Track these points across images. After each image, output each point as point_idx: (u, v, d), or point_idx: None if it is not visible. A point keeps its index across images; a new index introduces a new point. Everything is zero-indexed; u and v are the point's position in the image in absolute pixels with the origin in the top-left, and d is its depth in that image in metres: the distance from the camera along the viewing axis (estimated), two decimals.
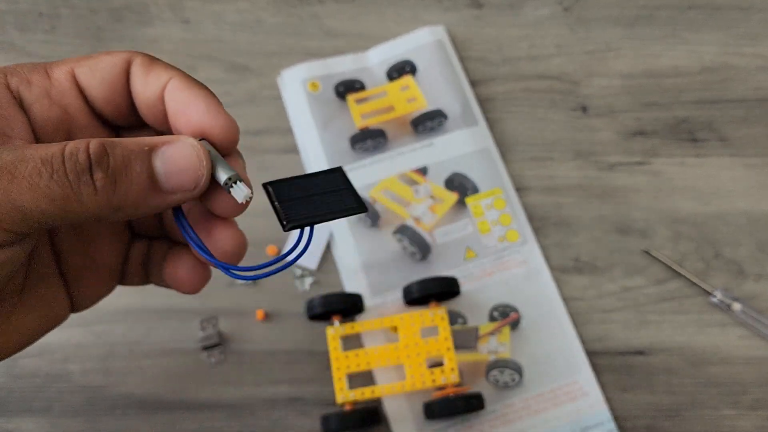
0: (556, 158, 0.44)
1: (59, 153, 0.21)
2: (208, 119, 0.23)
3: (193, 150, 0.22)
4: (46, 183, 0.20)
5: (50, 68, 0.24)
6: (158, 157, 0.22)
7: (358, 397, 0.37)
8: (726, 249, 0.42)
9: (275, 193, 0.24)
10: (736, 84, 0.46)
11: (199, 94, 0.24)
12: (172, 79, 0.24)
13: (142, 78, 0.24)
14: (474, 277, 0.41)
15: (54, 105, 0.24)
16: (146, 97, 0.24)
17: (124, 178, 0.21)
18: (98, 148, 0.21)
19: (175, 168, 0.22)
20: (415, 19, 0.48)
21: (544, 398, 0.39)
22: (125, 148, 0.22)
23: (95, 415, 0.39)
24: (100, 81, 0.24)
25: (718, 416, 0.39)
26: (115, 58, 0.24)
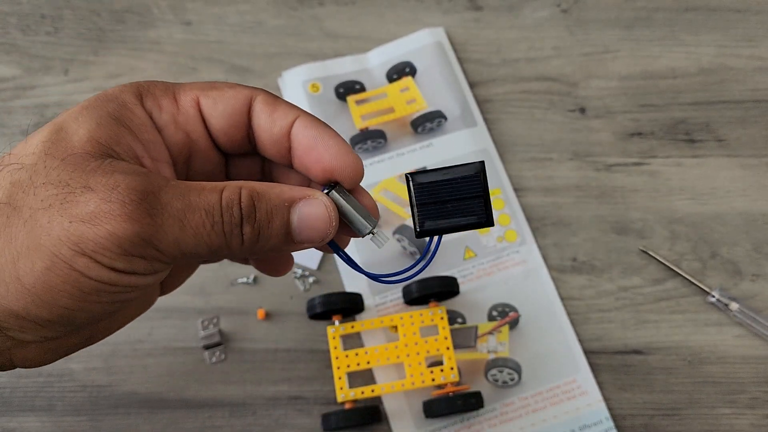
0: (554, 159, 0.45)
1: (218, 204, 0.23)
2: (338, 160, 0.25)
3: (326, 210, 0.25)
4: (208, 233, 0.23)
5: (178, 93, 0.26)
6: (295, 213, 0.24)
7: (358, 395, 0.37)
8: (723, 249, 0.43)
9: (415, 193, 0.25)
10: (733, 85, 0.46)
11: (328, 133, 0.26)
12: (299, 118, 0.26)
13: (268, 115, 0.26)
14: (473, 276, 0.42)
15: (179, 130, 0.26)
16: (273, 133, 0.26)
17: (266, 231, 0.24)
18: (248, 202, 0.24)
19: (309, 225, 0.25)
20: (414, 21, 0.48)
21: (543, 397, 0.39)
22: (269, 202, 0.24)
23: (98, 413, 0.39)
24: (221, 113, 0.26)
25: (716, 415, 0.39)
26: (238, 93, 0.26)
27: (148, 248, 0.22)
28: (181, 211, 0.22)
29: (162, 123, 0.25)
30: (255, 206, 0.24)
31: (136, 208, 0.21)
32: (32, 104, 0.46)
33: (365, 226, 0.25)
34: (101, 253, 0.21)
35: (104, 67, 0.47)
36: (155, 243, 0.22)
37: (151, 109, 0.25)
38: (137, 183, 0.22)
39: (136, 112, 0.25)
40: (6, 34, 0.48)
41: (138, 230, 0.21)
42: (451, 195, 0.25)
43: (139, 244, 0.22)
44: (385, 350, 0.37)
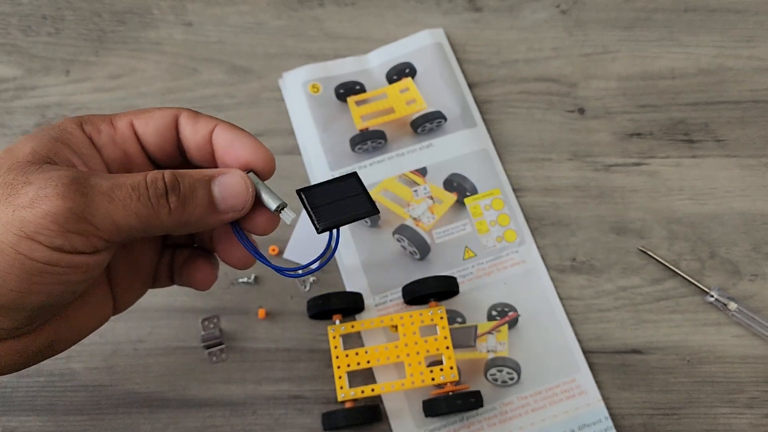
0: (553, 159, 0.45)
1: (143, 180, 0.26)
2: (254, 154, 0.29)
3: (242, 179, 0.28)
4: (135, 204, 0.26)
5: (114, 119, 0.30)
6: (216, 184, 0.28)
7: (359, 395, 0.37)
8: (722, 249, 0.43)
9: (308, 200, 0.29)
10: (731, 86, 0.47)
11: (243, 134, 0.30)
12: (218, 125, 0.30)
13: (192, 126, 0.30)
14: (472, 276, 0.42)
15: (118, 148, 0.29)
16: (196, 140, 0.30)
17: (191, 201, 0.27)
18: (171, 177, 0.27)
19: (229, 193, 0.28)
20: (414, 22, 0.48)
21: (542, 396, 0.39)
22: (191, 177, 0.28)
23: (99, 413, 0.39)
24: (153, 130, 0.30)
25: (714, 414, 0.39)
26: (166, 113, 0.30)
27: (82, 223, 0.24)
28: (109, 188, 0.25)
29: (101, 143, 0.29)
30: (179, 181, 0.27)
31: (67, 189, 0.24)
32: (33, 105, 0.46)
33: (275, 200, 0.29)
34: (41, 233, 0.24)
35: (105, 68, 0.47)
36: (88, 217, 0.25)
37: (91, 132, 0.29)
38: (69, 173, 0.25)
39: (75, 134, 0.28)
40: (7, 34, 0.48)
41: (70, 206, 0.24)
42: (338, 196, 0.29)
43: (73, 219, 0.24)
44: (385, 350, 0.38)
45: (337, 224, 0.28)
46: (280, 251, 0.42)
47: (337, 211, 0.29)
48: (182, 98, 0.46)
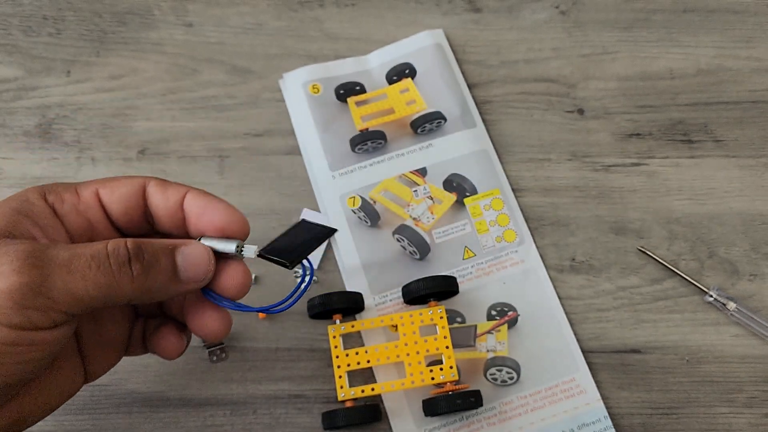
0: (553, 159, 0.45)
1: (104, 249, 0.26)
2: (227, 219, 0.30)
3: (205, 250, 0.29)
4: (94, 273, 0.25)
5: (79, 188, 0.30)
6: (179, 254, 0.28)
7: (359, 394, 0.37)
8: (721, 249, 0.43)
9: (270, 253, 0.30)
10: (730, 86, 0.47)
11: (215, 200, 0.30)
12: (189, 191, 0.30)
13: (161, 194, 0.30)
14: (472, 276, 0.42)
15: (81, 217, 0.29)
16: (167, 208, 0.30)
17: (154, 269, 0.27)
18: (135, 244, 0.27)
19: (191, 263, 0.28)
20: (414, 22, 0.48)
21: (542, 396, 0.39)
22: (154, 245, 0.27)
23: (99, 412, 0.39)
24: (118, 198, 0.30)
25: (713, 414, 0.39)
26: (133, 181, 0.30)
27: (39, 298, 0.24)
28: (68, 259, 0.25)
29: (63, 212, 0.29)
30: (142, 248, 0.27)
31: (23, 263, 0.24)
32: (34, 105, 0.46)
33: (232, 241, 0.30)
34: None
35: (106, 69, 0.47)
36: (45, 291, 0.24)
37: (53, 202, 0.29)
38: (25, 246, 0.25)
39: (37, 204, 0.28)
40: (8, 35, 0.48)
41: (26, 281, 0.24)
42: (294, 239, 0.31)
43: (30, 294, 0.24)
44: (385, 349, 0.38)
45: (303, 256, 0.29)
46: None
47: (299, 247, 0.30)
48: (183, 98, 0.46)
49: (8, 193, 0.44)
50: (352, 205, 0.43)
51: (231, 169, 0.45)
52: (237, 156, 0.45)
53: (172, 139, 0.45)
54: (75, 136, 0.45)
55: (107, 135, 0.45)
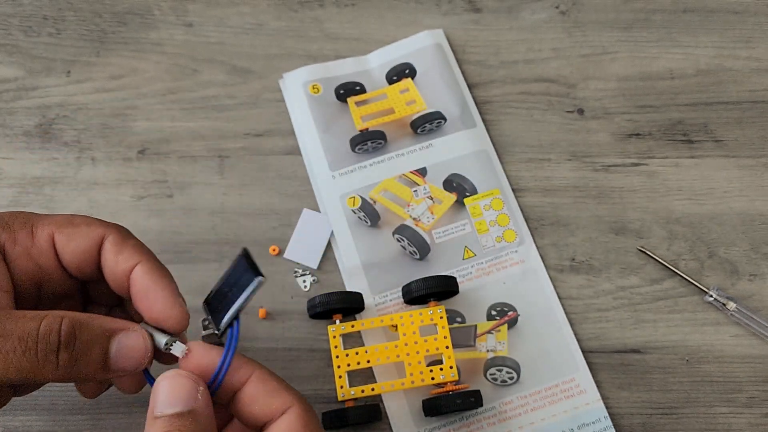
0: (552, 159, 0.45)
1: (35, 332, 0.25)
2: (164, 313, 0.28)
3: (143, 343, 0.27)
4: (18, 359, 0.24)
5: (36, 227, 0.29)
6: (114, 343, 0.27)
7: (359, 394, 0.37)
8: (720, 249, 0.43)
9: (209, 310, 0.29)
10: (730, 86, 0.47)
11: (161, 283, 0.29)
12: (140, 263, 0.29)
13: (113, 256, 0.29)
14: (472, 276, 0.42)
15: (32, 261, 0.28)
16: (114, 275, 0.29)
17: (83, 359, 0.26)
18: (69, 330, 0.25)
19: (125, 355, 0.27)
20: (414, 23, 0.49)
21: (542, 396, 0.39)
22: (91, 331, 0.26)
23: (99, 412, 0.39)
24: (74, 249, 0.29)
25: (713, 414, 0.39)
26: (92, 232, 0.29)
27: None
28: None
29: (14, 255, 0.28)
30: (76, 335, 0.25)
31: None
32: (34, 105, 0.46)
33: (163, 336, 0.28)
34: None
35: (106, 69, 0.47)
36: None
37: (5, 242, 0.28)
38: None
39: None
40: (8, 35, 0.48)
41: None
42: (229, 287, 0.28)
43: None
44: (385, 349, 0.38)
45: (232, 318, 0.28)
46: (281, 251, 0.43)
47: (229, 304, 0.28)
48: (183, 98, 0.46)
49: (8, 193, 0.44)
50: (352, 205, 0.43)
51: (231, 169, 0.45)
52: (237, 156, 0.45)
53: (172, 139, 0.45)
54: (75, 136, 0.45)
55: (107, 135, 0.45)
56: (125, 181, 0.44)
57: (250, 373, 0.28)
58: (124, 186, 0.44)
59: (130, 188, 0.44)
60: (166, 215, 0.43)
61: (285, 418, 0.27)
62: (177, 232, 0.43)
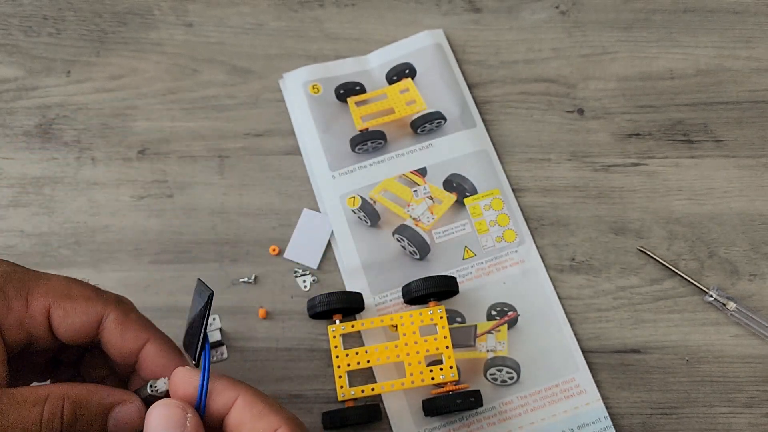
0: (552, 159, 0.45)
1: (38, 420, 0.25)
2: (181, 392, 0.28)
3: (139, 412, 0.28)
4: None
5: (31, 295, 0.28)
6: (112, 417, 0.28)
7: (359, 394, 0.37)
8: (720, 249, 0.43)
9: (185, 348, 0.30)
10: (730, 86, 0.47)
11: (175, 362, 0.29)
12: (150, 342, 0.29)
13: (119, 334, 0.29)
14: (472, 276, 0.42)
15: (23, 331, 0.28)
16: (122, 351, 0.29)
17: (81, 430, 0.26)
18: (71, 414, 0.26)
19: (122, 425, 0.28)
20: (414, 23, 0.49)
21: (542, 396, 0.39)
22: (91, 410, 0.27)
23: None
24: (70, 326, 0.28)
25: (713, 414, 0.39)
26: (90, 309, 0.29)
27: None
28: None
29: (6, 324, 0.27)
30: (77, 417, 0.26)
31: None
32: (34, 105, 0.46)
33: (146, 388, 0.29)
34: None
35: (106, 69, 0.47)
36: None
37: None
38: None
39: None
40: (8, 35, 0.48)
41: None
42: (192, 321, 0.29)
43: None
44: (385, 349, 0.38)
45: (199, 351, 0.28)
46: (281, 251, 0.43)
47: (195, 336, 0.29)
48: (183, 98, 0.46)
49: (8, 193, 0.44)
50: (352, 205, 0.43)
51: (231, 169, 0.45)
52: (237, 156, 0.45)
53: (172, 139, 0.45)
54: (75, 136, 0.45)
55: (107, 135, 0.45)
56: (125, 181, 0.44)
57: (235, 396, 0.28)
58: (124, 186, 0.44)
59: (130, 188, 0.44)
60: (166, 215, 0.43)
61: None
62: (177, 232, 0.43)
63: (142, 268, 0.42)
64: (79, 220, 0.43)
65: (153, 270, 0.42)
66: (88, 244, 0.43)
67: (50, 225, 0.43)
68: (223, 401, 0.28)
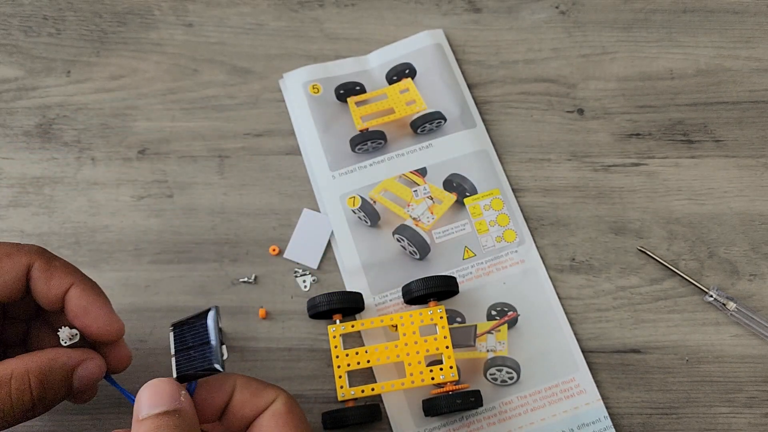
0: (552, 159, 0.45)
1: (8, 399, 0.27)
2: (104, 329, 0.31)
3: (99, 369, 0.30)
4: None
5: None
6: (76, 377, 0.30)
7: (359, 394, 0.37)
8: (720, 249, 0.43)
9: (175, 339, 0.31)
10: (730, 86, 0.47)
11: (97, 303, 0.31)
12: (74, 286, 0.30)
13: (44, 282, 0.30)
14: (472, 276, 0.42)
15: None
16: (48, 297, 0.30)
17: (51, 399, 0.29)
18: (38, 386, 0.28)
19: (86, 383, 0.30)
20: (414, 23, 0.49)
21: (542, 396, 0.39)
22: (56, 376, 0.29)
23: (100, 412, 0.39)
24: (2, 284, 0.29)
25: (713, 414, 0.39)
26: (15, 263, 0.30)
27: None
28: None
29: None
30: (44, 387, 0.28)
31: None
32: (34, 105, 0.46)
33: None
34: None
35: (106, 69, 0.47)
36: None
37: None
38: None
39: None
40: (8, 35, 0.48)
41: None
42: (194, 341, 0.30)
43: None
44: (385, 349, 0.38)
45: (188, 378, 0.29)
46: (281, 251, 0.43)
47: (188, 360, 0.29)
48: (183, 98, 0.46)
49: (8, 193, 0.44)
50: (352, 205, 0.43)
51: (231, 169, 0.45)
52: (237, 156, 0.45)
53: (172, 139, 0.45)
54: (75, 136, 0.45)
55: (107, 135, 0.45)
56: (125, 181, 0.44)
57: (233, 383, 0.30)
58: (124, 186, 0.44)
59: (130, 188, 0.44)
60: (166, 215, 0.43)
61: (271, 408, 0.30)
62: (177, 232, 0.43)
63: (142, 268, 0.42)
64: (79, 220, 0.43)
65: (153, 270, 0.42)
66: (88, 244, 0.43)
67: (50, 225, 0.43)
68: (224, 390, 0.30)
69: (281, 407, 0.30)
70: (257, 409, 0.30)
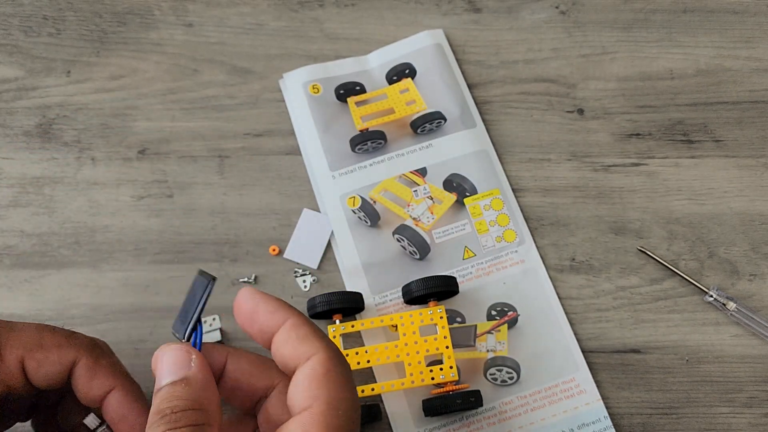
0: (552, 159, 0.45)
1: None
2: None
3: None
4: None
5: (4, 349, 0.29)
6: None
7: (359, 394, 0.37)
8: (720, 249, 0.43)
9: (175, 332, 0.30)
10: (730, 86, 0.47)
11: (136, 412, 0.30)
12: (114, 390, 0.30)
13: (86, 381, 0.30)
14: (472, 276, 0.42)
15: (1, 382, 0.29)
16: (87, 398, 0.30)
17: None
18: None
19: None
20: (414, 23, 0.49)
21: (542, 396, 0.39)
22: None
23: None
24: (44, 375, 0.29)
25: (713, 414, 0.39)
26: (62, 358, 0.30)
27: None
28: None
29: None
30: None
31: None
32: (34, 105, 0.46)
33: None
34: None
35: (106, 69, 0.47)
36: None
37: None
38: None
39: None
40: (8, 35, 0.48)
41: None
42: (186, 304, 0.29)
43: None
44: (385, 349, 0.38)
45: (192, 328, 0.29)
46: (281, 251, 0.43)
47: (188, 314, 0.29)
48: (183, 98, 0.46)
49: (8, 193, 0.44)
50: (352, 205, 0.43)
51: (231, 169, 0.45)
52: (237, 156, 0.45)
53: (172, 139, 0.45)
54: (75, 136, 0.45)
55: (107, 135, 0.45)
56: (125, 181, 0.44)
57: (285, 318, 0.28)
58: (124, 186, 0.44)
59: (130, 188, 0.44)
60: (166, 215, 0.43)
61: (308, 364, 0.27)
62: (177, 232, 0.43)
63: (142, 268, 0.42)
64: (79, 220, 0.43)
65: (153, 270, 0.42)
66: (88, 244, 0.43)
67: (50, 225, 0.43)
68: (274, 320, 0.28)
69: (318, 367, 0.26)
70: (296, 356, 0.27)
